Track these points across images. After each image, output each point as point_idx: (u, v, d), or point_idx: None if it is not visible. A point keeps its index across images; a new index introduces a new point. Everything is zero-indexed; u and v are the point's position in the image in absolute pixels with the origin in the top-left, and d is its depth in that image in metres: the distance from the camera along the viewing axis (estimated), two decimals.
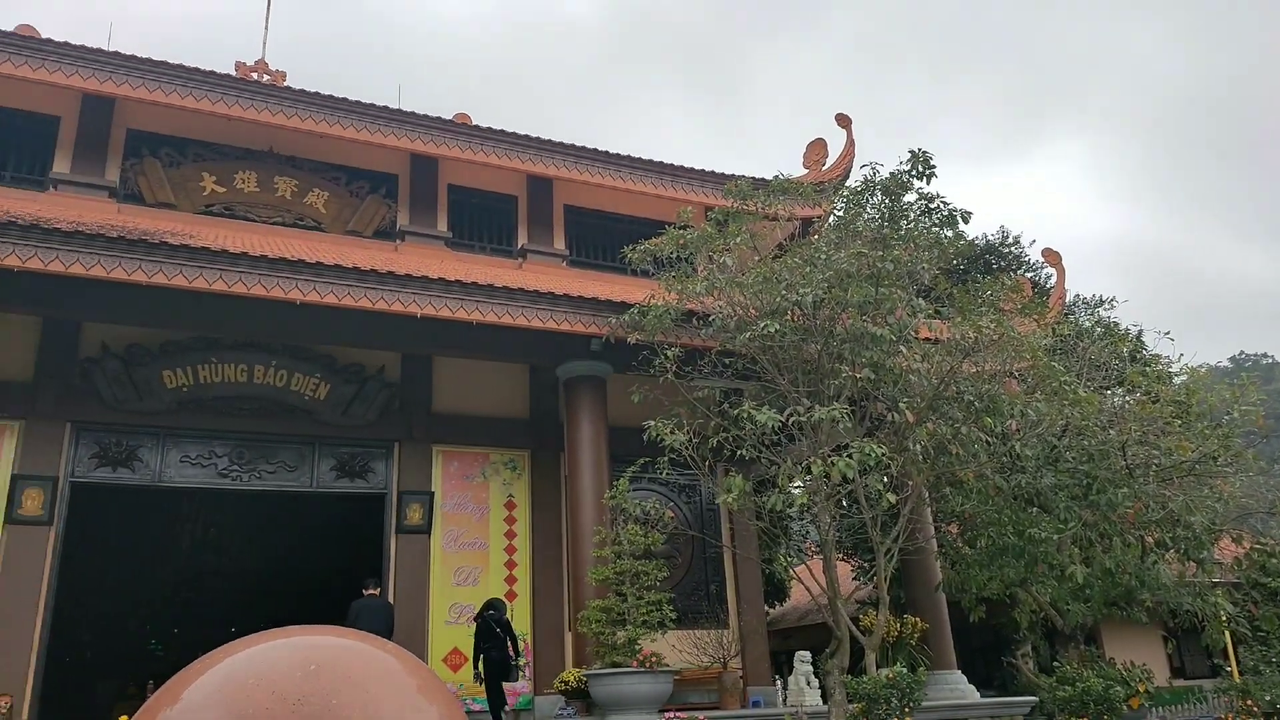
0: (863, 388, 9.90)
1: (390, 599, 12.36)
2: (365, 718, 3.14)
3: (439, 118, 14.47)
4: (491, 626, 11.33)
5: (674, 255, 11.38)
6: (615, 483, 11.09)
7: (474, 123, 14.90)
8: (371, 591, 11.61)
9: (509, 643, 11.30)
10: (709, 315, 10.95)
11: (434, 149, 14.34)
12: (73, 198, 12.51)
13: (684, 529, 13.74)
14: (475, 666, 11.23)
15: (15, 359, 11.50)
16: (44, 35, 12.62)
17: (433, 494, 13.01)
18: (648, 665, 9.95)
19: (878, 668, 10.15)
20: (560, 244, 15.71)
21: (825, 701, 11.28)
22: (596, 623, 10.36)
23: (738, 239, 11.01)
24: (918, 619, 13.63)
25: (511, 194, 15.62)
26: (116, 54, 12.58)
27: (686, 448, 9.56)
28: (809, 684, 12.41)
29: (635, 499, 10.97)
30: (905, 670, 10.49)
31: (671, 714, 9.95)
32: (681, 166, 15.93)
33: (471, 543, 13.07)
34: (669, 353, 10.30)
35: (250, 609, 19.09)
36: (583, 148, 15.33)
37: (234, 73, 13.97)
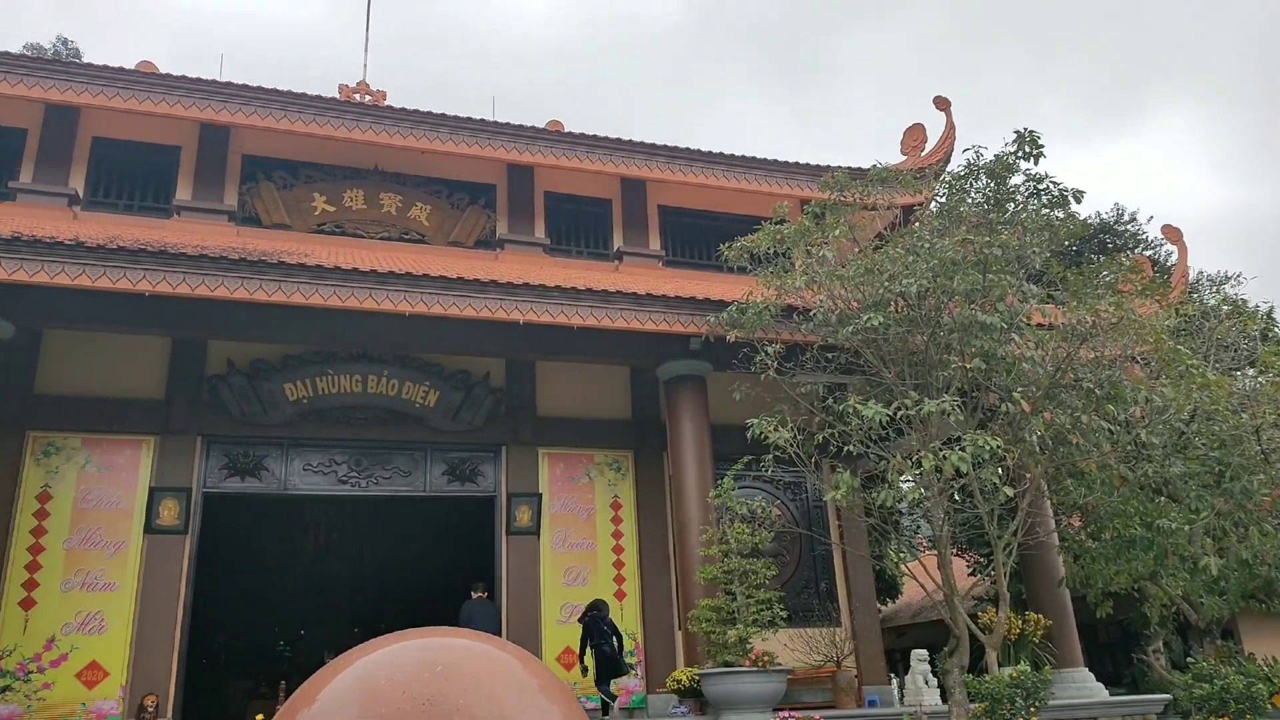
0: (973, 378, 9.60)
1: (503, 599, 12.66)
2: (491, 717, 3.23)
3: (532, 127, 14.72)
4: (599, 625, 11.56)
5: (771, 251, 11.28)
6: (719, 481, 11.06)
7: (566, 130, 15.10)
8: (480, 594, 12.02)
9: (616, 640, 11.54)
10: (809, 310, 10.82)
11: (529, 158, 14.59)
12: (195, 223, 13.21)
13: (791, 527, 13.61)
14: (581, 662, 11.48)
15: (149, 378, 12.23)
16: (162, 70, 13.39)
17: (540, 496, 13.25)
18: (760, 664, 9.89)
19: (1000, 666, 9.83)
20: (655, 244, 15.77)
21: (944, 701, 11.00)
22: (707, 622, 10.36)
23: (836, 231, 10.85)
24: (1040, 615, 13.15)
25: (606, 197, 15.77)
26: (230, 84, 13.23)
27: (791, 445, 9.46)
28: (927, 683, 12.12)
29: (740, 497, 10.91)
30: (1029, 668, 10.14)
31: (786, 713, 9.87)
32: (775, 160, 15.78)
33: (579, 543, 13.25)
34: (769, 349, 10.21)
35: (371, 610, 19.81)
36: (674, 147, 15.36)
37: (338, 95, 14.52)
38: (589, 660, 11.56)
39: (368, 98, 14.76)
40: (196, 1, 70.55)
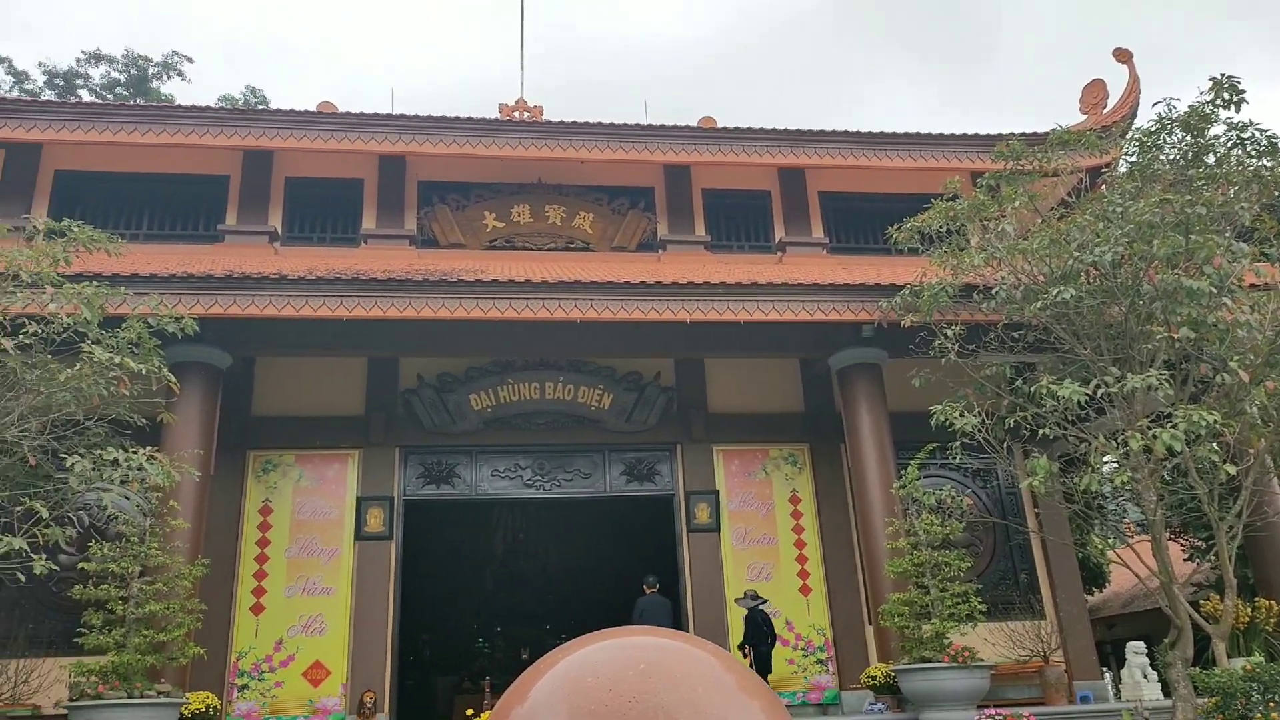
0: (1181, 349, 8.85)
1: (686, 597, 12.77)
2: (694, 714, 3.25)
3: (686, 126, 14.78)
4: (758, 620, 11.49)
5: (943, 229, 10.82)
6: (902, 472, 10.72)
7: (719, 126, 15.06)
8: (652, 589, 12.21)
9: (770, 636, 11.45)
10: (991, 288, 10.30)
11: (685, 157, 14.66)
12: (380, 249, 14.08)
13: (983, 516, 13.00)
14: (743, 657, 11.31)
15: (349, 396, 13.13)
16: (341, 109, 14.35)
17: (717, 493, 13.27)
18: (960, 660, 9.52)
19: (1229, 658, 9.01)
20: (818, 232, 15.47)
21: (1166, 696, 10.21)
22: (899, 616, 10.06)
23: (1015, 202, 10.27)
24: (1273, 602, 11.96)
25: (764, 189, 15.62)
26: (403, 116, 14.03)
27: (979, 430, 9.04)
28: (1145, 677, 11.28)
29: (926, 487, 10.53)
30: (1264, 660, 9.24)
31: (991, 711, 9.43)
32: (940, 134, 15.14)
33: (760, 539, 13.17)
34: (949, 331, 9.80)
35: (560, 606, 20.47)
36: (832, 132, 15.02)
37: (498, 115, 15.10)
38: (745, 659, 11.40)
39: (526, 114, 15.27)
40: (357, 43, 75.26)
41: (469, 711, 9.22)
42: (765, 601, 11.89)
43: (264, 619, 11.89)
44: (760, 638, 11.47)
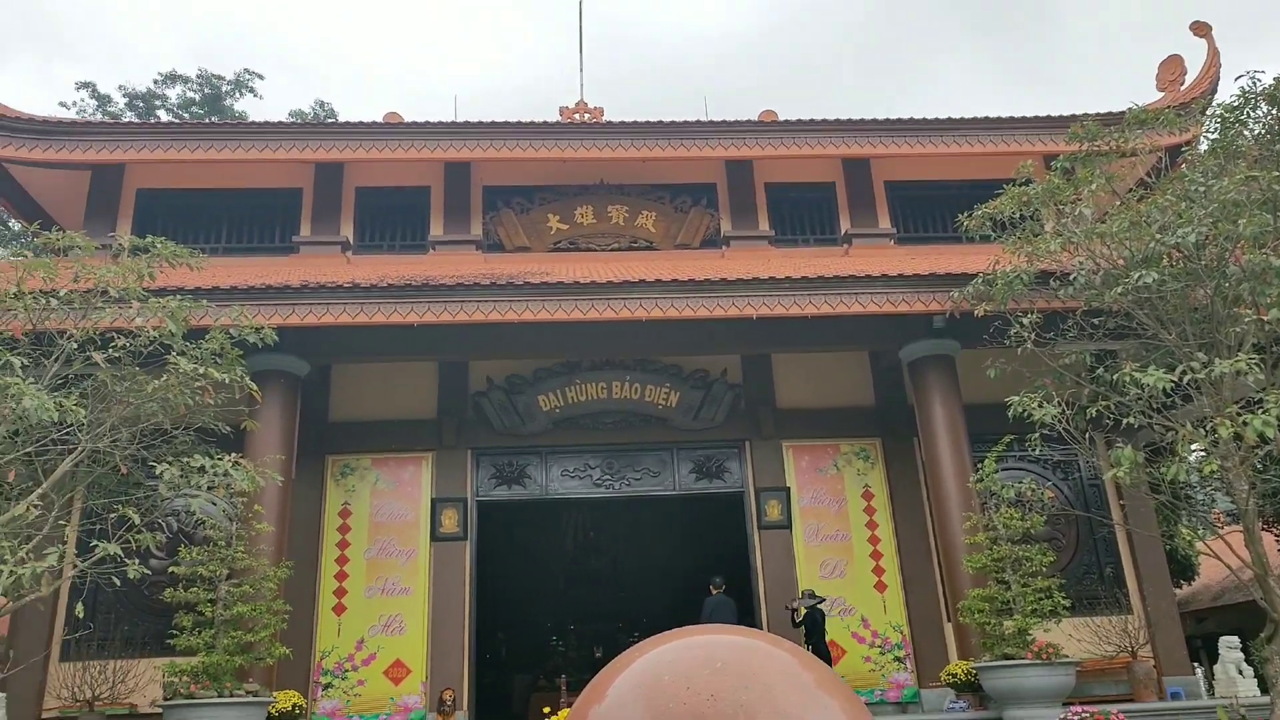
0: (1271, 331, 8.48)
1: (759, 594, 12.70)
2: (772, 711, 3.23)
3: (747, 120, 14.69)
4: (817, 620, 11.43)
5: (1016, 214, 10.54)
6: (979, 465, 10.49)
7: (780, 118, 14.93)
8: (718, 590, 12.33)
9: (824, 636, 11.41)
10: (1068, 274, 10.00)
11: (746, 151, 14.58)
12: (447, 255, 14.31)
13: (1065, 509, 12.64)
14: None
15: (421, 400, 13.37)
16: (407, 119, 14.62)
17: (788, 489, 13.16)
18: (1044, 656, 9.27)
19: None
20: (885, 223, 15.23)
21: (1264, 692, 9.78)
22: (979, 613, 9.84)
23: (1092, 185, 9.94)
24: None
25: (828, 181, 15.43)
26: (467, 123, 14.24)
27: (1059, 420, 8.78)
28: (1240, 673, 10.85)
29: (1005, 480, 10.27)
30: None
31: (1078, 708, 9.17)
32: (1010, 118, 14.77)
33: (833, 535, 13.03)
34: (1025, 320, 9.54)
35: (632, 604, 20.53)
36: (897, 120, 14.77)
37: (559, 117, 15.22)
38: None
39: (587, 115, 15.36)
40: (417, 53, 76.58)
41: (545, 709, 9.32)
42: (823, 600, 11.79)
43: (346, 619, 12.20)
44: (821, 637, 11.44)
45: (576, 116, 15.39)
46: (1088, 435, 9.24)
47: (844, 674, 11.75)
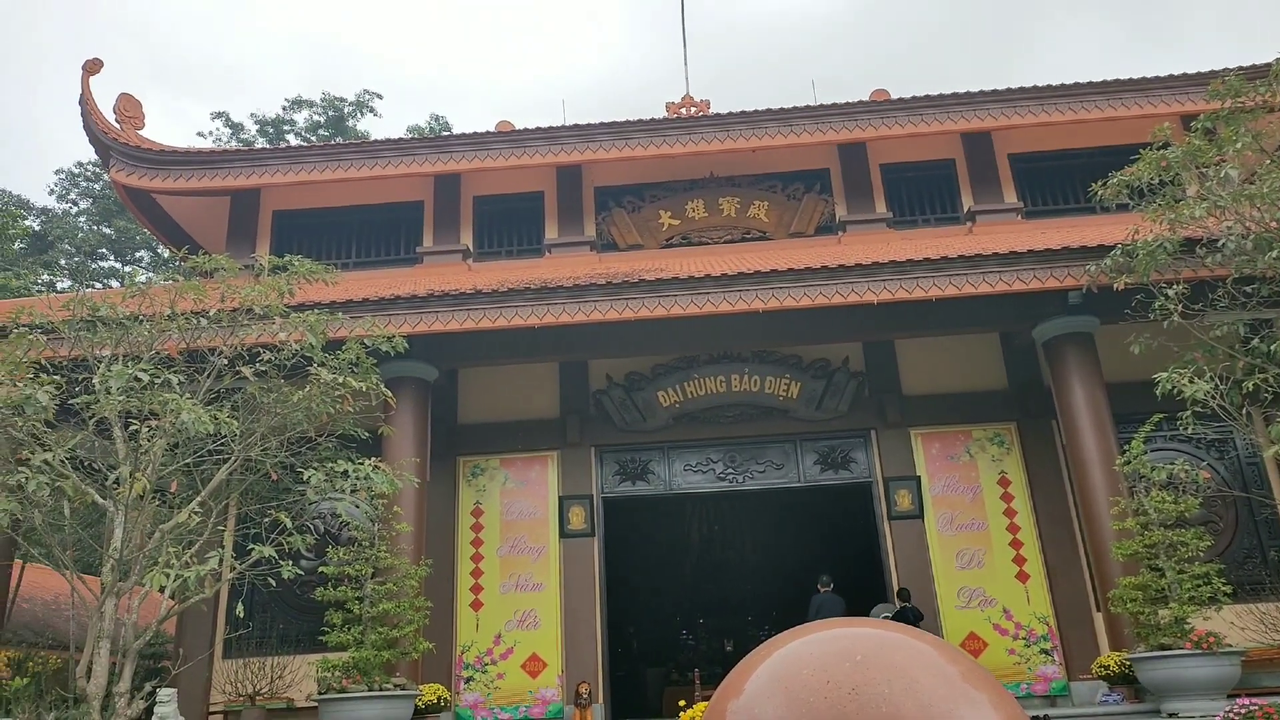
0: None
1: (893, 586, 12.40)
2: (917, 706, 3.14)
3: (859, 101, 14.35)
4: (910, 620, 11.04)
5: (1155, 180, 9.93)
6: (1125, 446, 9.94)
7: (893, 97, 14.52)
8: (826, 587, 12.21)
9: None
10: (1216, 240, 9.36)
11: (859, 134, 14.25)
12: (562, 257, 14.56)
13: (1222, 490, 11.85)
14: None
15: (544, 400, 13.65)
16: (518, 127, 14.94)
17: (918, 478, 12.81)
18: (1204, 646, 8.72)
19: None
20: (1010, 197, 14.61)
21: None
22: (1131, 601, 9.34)
23: (1237, 145, 9.27)
24: None
25: (948, 158, 14.92)
26: (576, 126, 14.44)
27: (1213, 396, 8.24)
28: None
29: (1154, 461, 9.70)
30: None
31: (1245, 700, 8.57)
32: (1142, 79, 13.93)
33: (968, 524, 12.60)
34: (1170, 291, 8.99)
35: (761, 597, 20.41)
36: (1020, 89, 14.15)
37: (666, 113, 15.23)
38: None
39: (693, 110, 15.32)
40: (522, 61, 78.08)
41: (680, 703, 9.36)
42: (910, 604, 11.53)
43: (483, 614, 12.58)
44: None
45: (683, 111, 15.37)
46: (1244, 410, 8.64)
47: (986, 668, 11.35)
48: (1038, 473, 12.67)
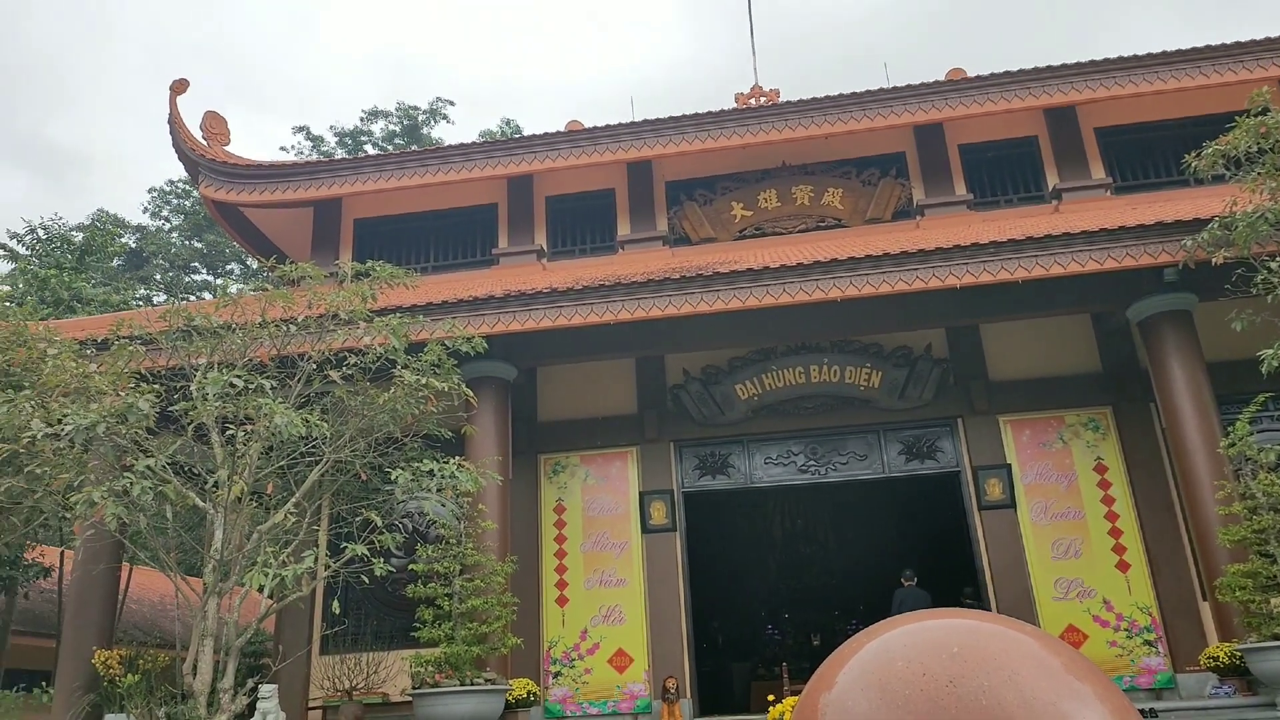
0: None
1: (985, 577, 12.09)
2: (1019, 699, 3.03)
3: (935, 81, 14.00)
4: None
5: (1254, 148, 9.43)
6: (1230, 428, 9.48)
7: (970, 75, 14.11)
8: (909, 581, 12.13)
9: None
10: None
11: (936, 114, 13.90)
12: (635, 253, 14.57)
13: None
14: None
15: (621, 396, 13.69)
16: (587, 125, 14.99)
17: (1009, 466, 12.44)
18: None
19: None
20: (1099, 173, 14.07)
21: None
22: (1240, 590, 8.91)
23: None
24: None
25: (1029, 135, 14.45)
26: (645, 121, 14.44)
27: None
28: None
29: (1262, 443, 9.23)
30: None
31: None
32: (1234, 43, 13.27)
33: (1064, 513, 12.18)
34: (1272, 264, 8.54)
35: (846, 590, 20.13)
36: (1103, 61, 13.61)
37: (735, 105, 15.11)
38: None
39: (763, 99, 15.17)
40: (587, 60, 78.45)
41: (769, 697, 9.28)
42: (971, 601, 11.23)
43: (569, 610, 12.69)
44: None
45: (752, 101, 15.24)
46: None
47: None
48: (1136, 458, 12.18)
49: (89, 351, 9.42)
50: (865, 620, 19.53)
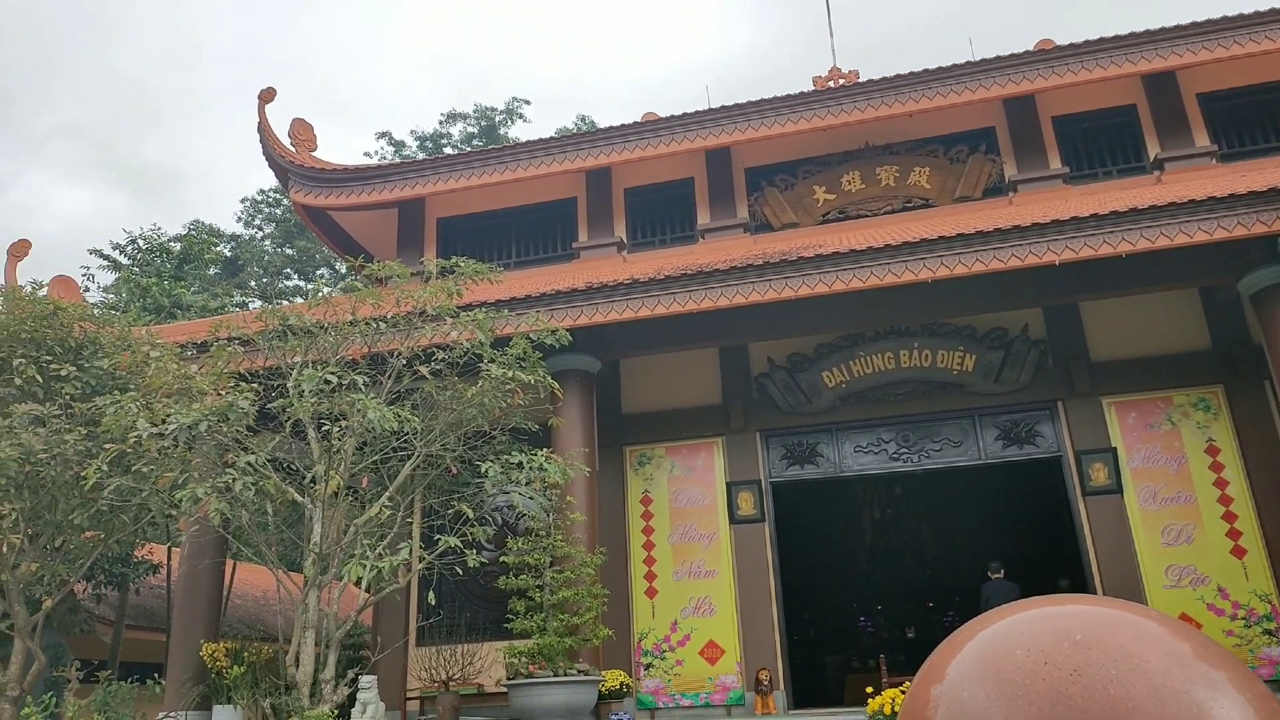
0: None
1: (1091, 565, 11.60)
2: (1149, 688, 2.83)
3: (1024, 52, 13.45)
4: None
5: None
6: None
7: (1062, 44, 13.52)
8: (997, 574, 11.85)
9: None
10: None
11: (1027, 86, 13.36)
12: (715, 242, 14.42)
13: None
14: None
15: (706, 387, 13.57)
16: (662, 115, 14.88)
17: (1114, 450, 11.90)
18: None
19: None
20: (1202, 140, 13.33)
21: None
22: None
23: None
24: None
25: (1127, 104, 13.78)
26: (723, 107, 14.26)
27: None
28: None
29: None
30: None
31: None
32: None
33: (1174, 497, 11.60)
34: None
35: (940, 581, 19.62)
36: (1205, 22, 12.88)
37: (812, 87, 14.80)
38: None
39: (840, 81, 14.81)
40: (658, 51, 78.23)
41: (868, 689, 9.06)
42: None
43: (658, 601, 12.65)
44: None
45: (830, 84, 14.90)
46: None
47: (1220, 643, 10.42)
48: (1250, 438, 11.52)
49: (190, 354, 9.76)
50: (961, 612, 19.00)
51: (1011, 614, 3.49)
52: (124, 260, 24.38)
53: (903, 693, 8.04)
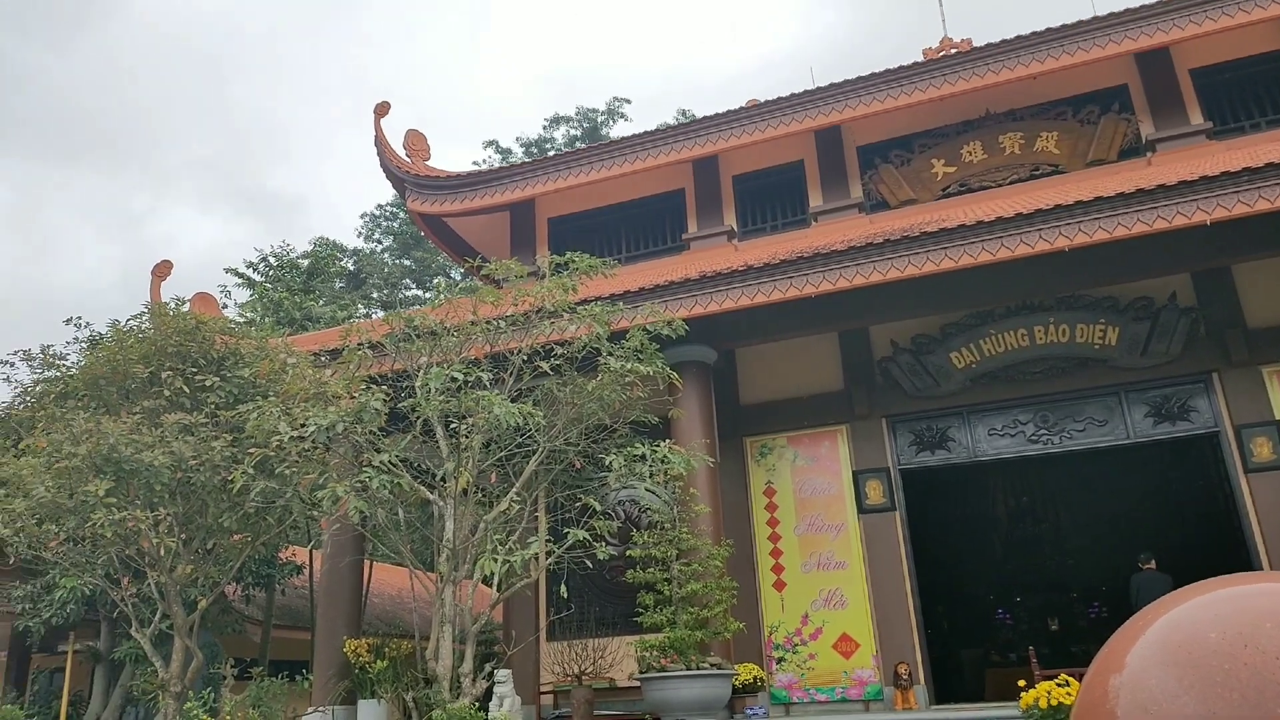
0: None
1: (1257, 546, 10.73)
2: None
3: (1157, 1, 12.56)
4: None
5: None
6: None
7: None
8: (1148, 565, 11.22)
9: None
10: None
11: (1161, 38, 12.47)
12: (829, 224, 14.03)
13: None
14: None
15: (826, 373, 13.20)
16: (764, 99, 14.57)
17: (1277, 422, 10.97)
18: None
19: None
20: None
21: None
22: None
23: None
24: None
25: (1276, 49, 12.69)
26: (831, 85, 13.86)
27: None
28: None
29: None
30: None
31: None
32: None
33: None
34: None
35: (1083, 571, 18.62)
36: None
37: (922, 59, 14.22)
38: None
39: (953, 51, 14.18)
40: (752, 40, 77.21)
41: (1020, 683, 8.59)
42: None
43: (787, 594, 12.39)
44: None
45: (942, 54, 14.28)
46: None
47: None
48: None
49: (323, 360, 10.10)
50: (1107, 604, 17.96)
51: (1193, 596, 3.15)
52: (256, 277, 25.66)
53: (1059, 685, 7.57)
